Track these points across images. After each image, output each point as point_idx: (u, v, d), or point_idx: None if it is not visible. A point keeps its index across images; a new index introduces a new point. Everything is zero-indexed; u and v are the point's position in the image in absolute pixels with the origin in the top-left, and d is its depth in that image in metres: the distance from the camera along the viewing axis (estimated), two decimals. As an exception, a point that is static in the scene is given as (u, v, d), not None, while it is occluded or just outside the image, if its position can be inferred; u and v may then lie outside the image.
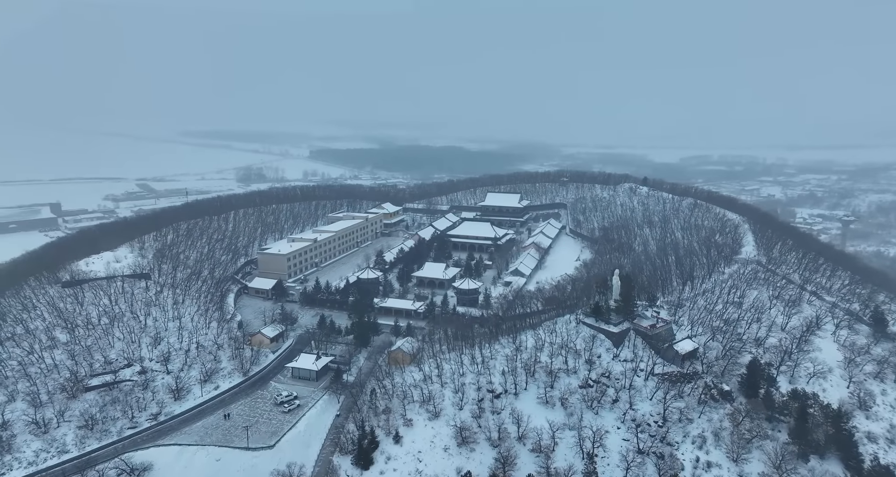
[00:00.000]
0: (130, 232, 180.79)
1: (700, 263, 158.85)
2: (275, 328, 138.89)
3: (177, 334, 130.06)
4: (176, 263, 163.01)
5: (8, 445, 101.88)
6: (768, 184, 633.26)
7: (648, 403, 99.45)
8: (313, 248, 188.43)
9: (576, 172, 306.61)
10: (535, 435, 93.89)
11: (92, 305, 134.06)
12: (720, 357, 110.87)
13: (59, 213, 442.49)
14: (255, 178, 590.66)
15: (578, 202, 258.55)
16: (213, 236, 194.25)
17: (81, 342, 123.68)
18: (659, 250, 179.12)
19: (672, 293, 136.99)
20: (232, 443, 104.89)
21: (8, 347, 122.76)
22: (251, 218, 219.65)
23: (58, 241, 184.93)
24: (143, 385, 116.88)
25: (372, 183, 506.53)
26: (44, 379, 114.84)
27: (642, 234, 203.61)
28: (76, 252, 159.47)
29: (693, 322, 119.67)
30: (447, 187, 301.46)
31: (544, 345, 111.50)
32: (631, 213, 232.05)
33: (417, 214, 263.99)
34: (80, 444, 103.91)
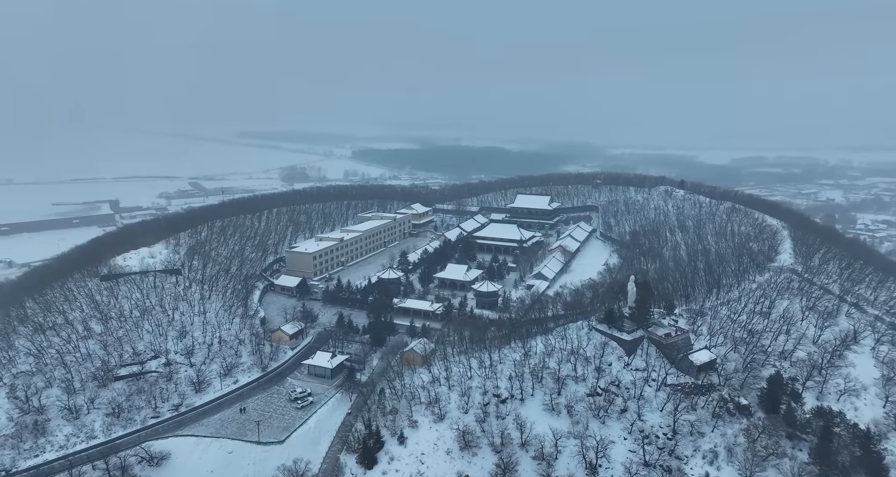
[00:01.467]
0: (168, 229, 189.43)
1: (730, 271, 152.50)
2: (294, 325, 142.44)
3: (201, 329, 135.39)
4: (206, 259, 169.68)
5: (42, 428, 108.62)
6: (828, 187, 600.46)
7: (658, 414, 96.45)
8: (339, 247, 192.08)
9: (610, 174, 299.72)
10: (538, 442, 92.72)
11: (125, 299, 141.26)
12: (740, 369, 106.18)
13: (116, 209, 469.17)
14: (299, 178, 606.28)
15: (611, 205, 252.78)
16: (246, 234, 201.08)
17: (114, 333, 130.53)
18: (688, 256, 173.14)
19: (695, 301, 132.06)
20: (245, 436, 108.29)
21: (49, 335, 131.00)
22: (283, 217, 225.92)
23: (102, 236, 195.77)
24: (168, 377, 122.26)
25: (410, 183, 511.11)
26: (78, 367, 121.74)
27: (673, 239, 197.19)
28: (117, 247, 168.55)
29: (713, 332, 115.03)
30: (478, 188, 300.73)
31: (554, 351, 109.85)
32: (664, 217, 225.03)
33: (447, 215, 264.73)
34: (107, 430, 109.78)
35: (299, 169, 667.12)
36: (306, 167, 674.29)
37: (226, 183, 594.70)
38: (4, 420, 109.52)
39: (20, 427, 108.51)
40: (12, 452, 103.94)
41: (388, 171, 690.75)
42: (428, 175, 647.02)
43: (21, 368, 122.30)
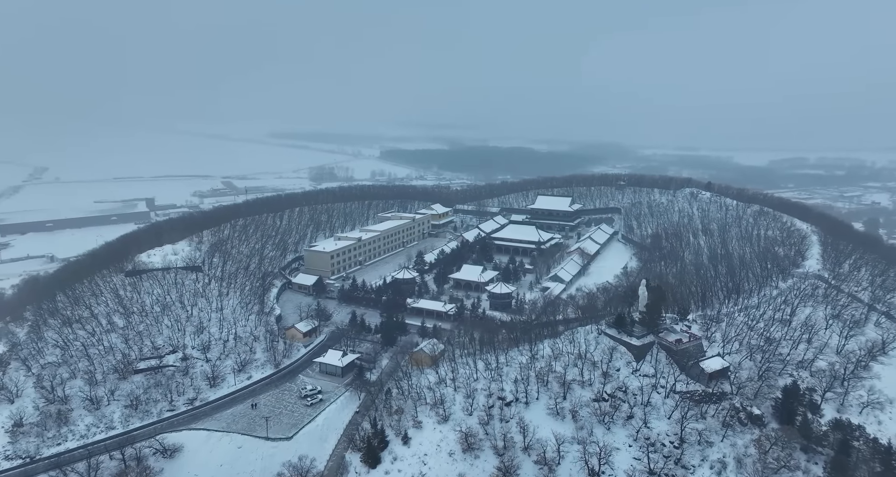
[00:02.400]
0: (192, 227, 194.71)
1: (752, 276, 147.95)
2: (308, 323, 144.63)
3: (218, 325, 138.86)
4: (227, 257, 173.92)
5: (65, 418, 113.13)
6: (874, 190, 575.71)
7: (665, 421, 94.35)
8: (357, 246, 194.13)
9: (634, 176, 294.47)
10: (540, 446, 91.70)
11: (147, 294, 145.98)
12: (754, 378, 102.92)
13: (152, 207, 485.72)
14: (327, 178, 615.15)
15: (634, 207, 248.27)
16: (267, 232, 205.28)
17: (135, 328, 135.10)
18: (709, 260, 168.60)
19: (711, 307, 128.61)
20: (254, 432, 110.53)
21: (75, 328, 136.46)
22: (305, 216, 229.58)
23: (130, 233, 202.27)
24: (184, 371, 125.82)
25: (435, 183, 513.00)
26: (101, 360, 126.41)
27: (695, 243, 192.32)
28: (142, 244, 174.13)
29: (727, 339, 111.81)
30: (499, 189, 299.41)
31: (561, 354, 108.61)
32: (688, 220, 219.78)
33: (467, 216, 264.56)
34: (125, 422, 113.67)
35: (327, 169, 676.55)
36: (334, 167, 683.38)
37: (256, 182, 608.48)
38: (31, 409, 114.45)
39: (45, 416, 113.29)
40: (37, 440, 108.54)
41: (415, 172, 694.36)
42: (454, 175, 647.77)
43: (48, 359, 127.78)
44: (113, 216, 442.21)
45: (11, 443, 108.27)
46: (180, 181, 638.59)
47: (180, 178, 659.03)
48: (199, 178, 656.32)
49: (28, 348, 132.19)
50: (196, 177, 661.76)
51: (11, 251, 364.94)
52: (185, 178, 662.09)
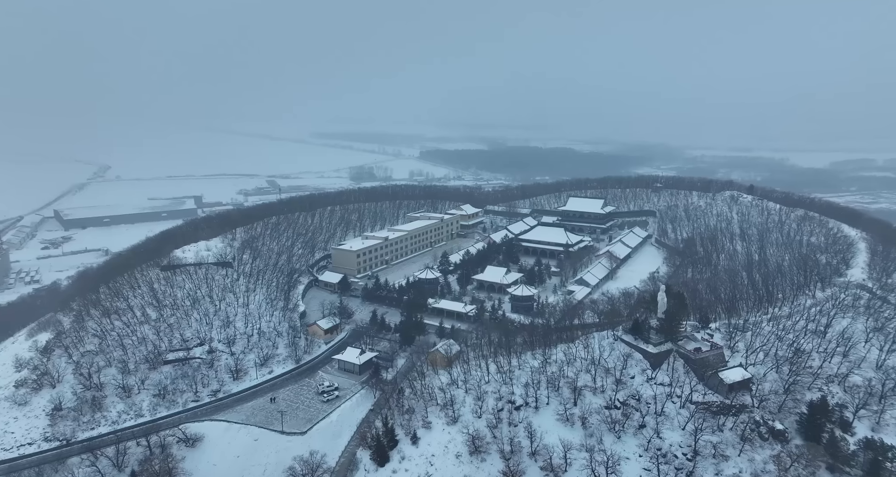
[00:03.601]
0: (227, 224, 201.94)
1: (787, 284, 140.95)
2: (330, 321, 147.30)
3: (244, 320, 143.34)
4: (256, 253, 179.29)
5: (99, 404, 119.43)
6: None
7: (679, 432, 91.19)
8: (384, 246, 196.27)
9: (672, 178, 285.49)
10: (547, 452, 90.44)
11: (179, 288, 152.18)
12: (779, 391, 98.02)
13: (199, 204, 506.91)
14: (367, 177, 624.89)
15: (669, 210, 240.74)
16: (298, 230, 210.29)
17: (166, 320, 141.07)
18: (744, 266, 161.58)
19: (739, 315, 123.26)
20: (271, 425, 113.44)
21: (112, 319, 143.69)
22: (336, 215, 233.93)
23: (169, 230, 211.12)
24: (210, 364, 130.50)
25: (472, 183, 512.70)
26: (134, 350, 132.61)
27: (731, 248, 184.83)
28: (179, 241, 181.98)
29: (752, 349, 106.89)
30: (531, 190, 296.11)
31: (575, 359, 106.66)
32: (726, 224, 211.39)
33: (498, 217, 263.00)
34: (153, 410, 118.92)
35: (367, 168, 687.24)
36: (374, 167, 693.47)
37: (299, 181, 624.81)
38: (69, 394, 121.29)
39: (81, 401, 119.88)
40: (73, 424, 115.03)
41: (453, 172, 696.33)
42: (492, 176, 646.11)
43: (88, 348, 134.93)
44: (163, 213, 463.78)
45: (51, 425, 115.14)
46: (228, 179, 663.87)
47: (228, 177, 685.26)
48: (246, 176, 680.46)
49: (71, 337, 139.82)
50: (243, 175, 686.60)
51: (73, 244, 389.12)
52: (233, 176, 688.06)
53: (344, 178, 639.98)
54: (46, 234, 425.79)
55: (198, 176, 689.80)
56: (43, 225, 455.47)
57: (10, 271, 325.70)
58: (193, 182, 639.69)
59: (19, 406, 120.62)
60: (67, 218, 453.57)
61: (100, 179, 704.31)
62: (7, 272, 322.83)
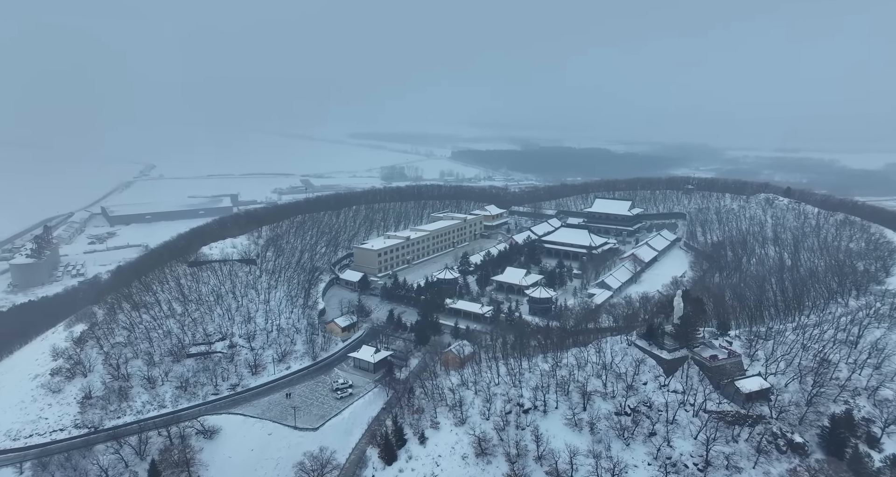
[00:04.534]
0: (254, 222, 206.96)
1: (819, 291, 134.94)
2: (347, 319, 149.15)
3: (264, 316, 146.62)
4: (280, 251, 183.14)
5: (126, 394, 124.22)
6: None
7: (691, 441, 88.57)
8: (405, 245, 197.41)
9: (704, 180, 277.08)
10: (553, 457, 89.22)
11: (204, 284, 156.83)
12: (800, 403, 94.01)
13: (235, 203, 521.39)
14: (398, 177, 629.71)
15: (700, 213, 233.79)
16: (322, 229, 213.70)
17: (191, 315, 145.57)
18: (773, 272, 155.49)
19: (762, 322, 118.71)
20: (285, 420, 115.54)
21: (141, 312, 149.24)
22: (360, 214, 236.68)
23: (199, 227, 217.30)
24: (230, 358, 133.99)
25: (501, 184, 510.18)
26: (160, 343, 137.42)
27: (761, 253, 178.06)
28: (206, 238, 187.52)
29: (774, 358, 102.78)
30: (558, 191, 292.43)
31: (586, 364, 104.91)
32: (759, 228, 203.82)
33: (523, 218, 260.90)
34: (175, 402, 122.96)
35: (398, 168, 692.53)
36: (405, 167, 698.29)
37: (332, 180, 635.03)
38: (99, 383, 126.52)
39: (109, 391, 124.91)
40: (101, 412, 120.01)
41: (483, 172, 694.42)
42: (522, 176, 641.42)
43: (117, 340, 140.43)
44: (201, 210, 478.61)
45: (81, 413, 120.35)
46: (264, 178, 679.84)
47: (265, 176, 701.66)
48: (282, 176, 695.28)
49: (103, 329, 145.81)
50: (279, 175, 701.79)
51: (116, 240, 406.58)
52: (269, 175, 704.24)
53: (375, 178, 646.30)
54: (94, 229, 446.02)
55: (236, 175, 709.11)
56: (91, 221, 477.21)
57: (58, 265, 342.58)
58: (232, 181, 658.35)
59: (53, 393, 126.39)
60: (113, 215, 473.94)
61: (145, 178, 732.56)
62: (56, 265, 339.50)
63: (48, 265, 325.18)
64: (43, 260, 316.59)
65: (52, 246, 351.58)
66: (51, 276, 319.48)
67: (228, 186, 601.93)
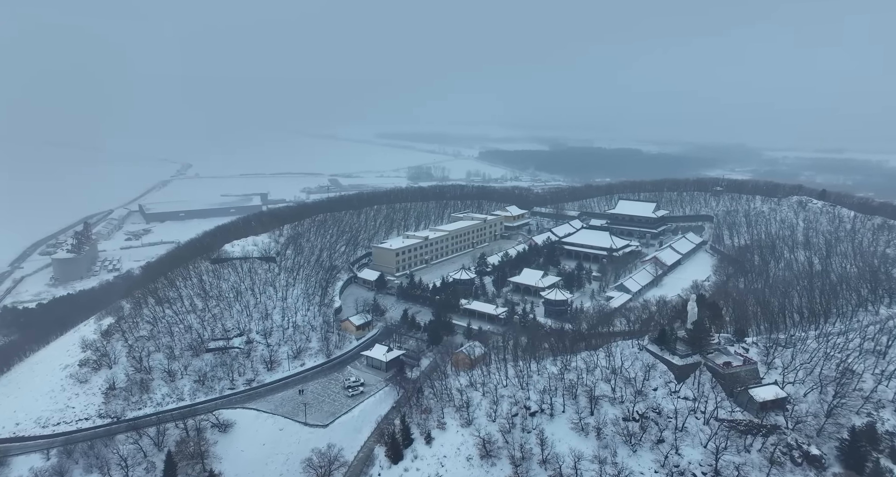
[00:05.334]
0: (276, 220, 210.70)
1: (848, 298, 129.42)
2: (362, 317, 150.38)
3: (281, 313, 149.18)
4: (299, 249, 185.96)
5: (147, 386, 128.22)
6: None
7: (700, 450, 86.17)
8: (424, 245, 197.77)
9: (734, 181, 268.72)
10: (558, 461, 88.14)
11: (224, 281, 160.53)
12: (819, 414, 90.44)
13: (265, 201, 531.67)
14: (424, 177, 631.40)
15: (728, 215, 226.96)
16: (343, 228, 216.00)
17: (211, 310, 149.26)
18: (801, 277, 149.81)
19: (784, 329, 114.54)
20: (296, 416, 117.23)
21: (164, 307, 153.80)
22: (381, 214, 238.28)
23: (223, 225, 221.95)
24: (247, 353, 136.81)
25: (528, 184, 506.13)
26: (180, 337, 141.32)
27: (790, 258, 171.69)
28: (230, 236, 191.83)
29: (793, 366, 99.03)
30: (582, 192, 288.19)
31: (596, 367, 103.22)
32: (789, 232, 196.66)
33: (545, 219, 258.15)
34: (192, 395, 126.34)
35: (425, 168, 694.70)
36: (431, 167, 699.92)
37: (359, 180, 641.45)
38: (122, 375, 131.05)
39: (132, 383, 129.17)
40: (123, 403, 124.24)
41: (510, 172, 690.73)
42: (550, 177, 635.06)
43: (141, 333, 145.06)
44: (231, 209, 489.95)
45: (105, 403, 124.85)
46: (294, 178, 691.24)
47: (295, 175, 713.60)
48: (311, 175, 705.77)
49: (128, 322, 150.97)
50: (308, 174, 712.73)
51: (151, 236, 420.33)
52: (299, 175, 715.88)
53: (402, 178, 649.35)
54: (131, 226, 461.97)
55: (267, 174, 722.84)
56: (129, 218, 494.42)
57: (96, 260, 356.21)
58: (263, 180, 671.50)
59: (81, 383, 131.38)
60: (149, 212, 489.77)
61: (182, 177, 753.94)
62: (94, 260, 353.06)
63: (87, 260, 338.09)
64: (82, 255, 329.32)
65: (91, 242, 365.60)
66: (89, 270, 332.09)
67: (260, 185, 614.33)
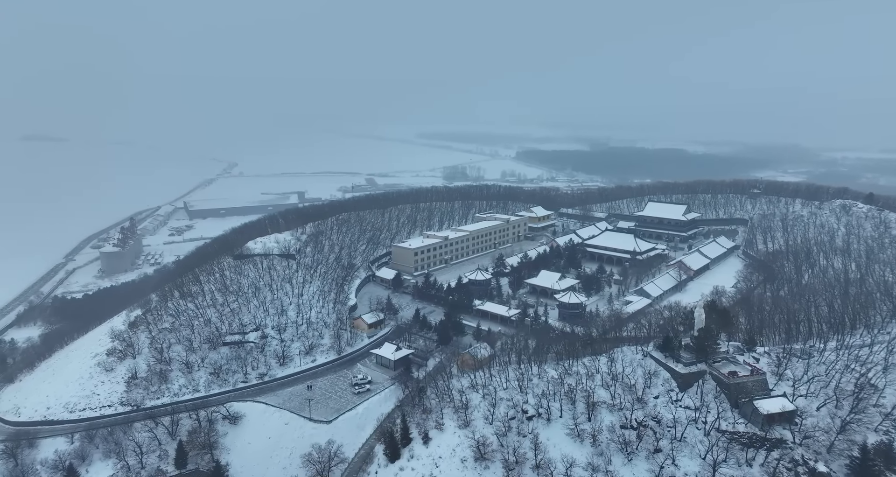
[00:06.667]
0: (301, 218, 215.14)
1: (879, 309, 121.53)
2: (374, 315, 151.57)
3: (296, 309, 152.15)
4: (319, 247, 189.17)
5: (165, 377, 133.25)
6: None
7: (698, 461, 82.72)
8: (443, 245, 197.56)
9: (773, 183, 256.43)
10: (551, 467, 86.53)
11: (245, 277, 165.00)
12: (831, 430, 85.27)
13: (301, 200, 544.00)
14: (459, 177, 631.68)
15: (764, 219, 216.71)
16: (364, 227, 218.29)
17: (230, 305, 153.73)
18: (832, 285, 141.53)
19: (800, 339, 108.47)
20: (302, 411, 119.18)
21: (187, 301, 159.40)
22: (405, 213, 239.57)
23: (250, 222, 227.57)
24: (261, 348, 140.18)
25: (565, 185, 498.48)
26: (200, 330, 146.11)
27: (824, 264, 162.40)
28: (254, 233, 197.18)
29: (806, 379, 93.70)
30: (612, 193, 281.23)
31: (597, 372, 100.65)
32: (828, 237, 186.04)
33: (571, 220, 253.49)
34: (207, 387, 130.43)
35: (460, 168, 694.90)
36: (467, 166, 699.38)
37: (395, 179, 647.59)
38: (144, 365, 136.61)
39: (152, 373, 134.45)
40: (143, 392, 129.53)
41: (546, 173, 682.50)
42: (587, 177, 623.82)
43: (164, 325, 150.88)
44: (269, 206, 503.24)
45: (126, 391, 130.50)
46: (333, 177, 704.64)
47: (333, 175, 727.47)
48: (349, 174, 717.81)
49: (154, 314, 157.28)
50: (346, 173, 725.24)
51: (192, 232, 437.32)
52: (337, 174, 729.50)
53: (437, 178, 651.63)
54: (175, 222, 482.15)
55: (307, 173, 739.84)
56: (174, 215, 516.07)
57: (140, 254, 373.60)
58: (303, 179, 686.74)
59: (107, 372, 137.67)
60: (192, 209, 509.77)
61: (226, 175, 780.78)
62: (138, 255, 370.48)
63: (131, 254, 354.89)
64: (126, 249, 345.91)
65: (136, 236, 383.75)
66: (133, 264, 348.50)
67: (300, 184, 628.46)
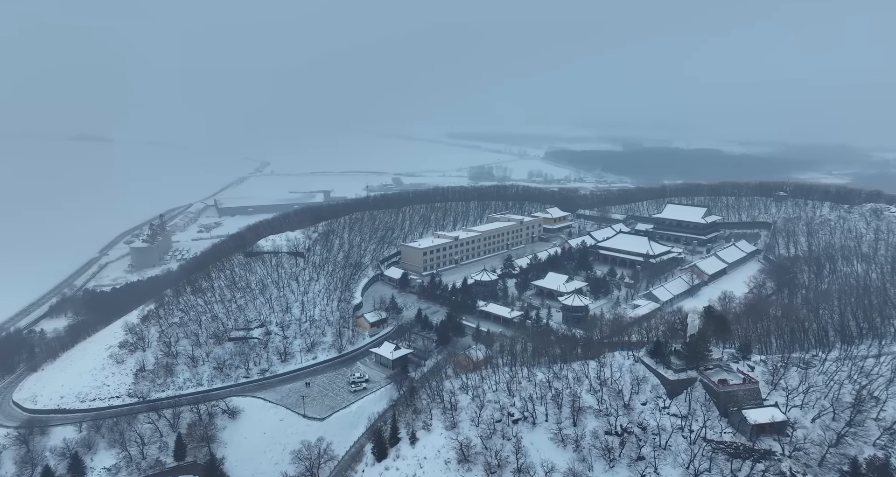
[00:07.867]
0: (314, 217, 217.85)
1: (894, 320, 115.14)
2: (376, 314, 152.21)
3: (300, 307, 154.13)
4: (329, 246, 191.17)
5: (171, 370, 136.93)
6: None
7: (680, 471, 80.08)
8: (453, 245, 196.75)
9: (802, 186, 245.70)
10: (532, 471, 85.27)
11: (253, 274, 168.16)
12: (824, 443, 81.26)
13: (327, 199, 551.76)
14: (485, 177, 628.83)
15: (789, 223, 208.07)
16: (376, 226, 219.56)
17: (237, 301, 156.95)
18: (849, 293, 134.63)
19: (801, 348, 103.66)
20: (298, 408, 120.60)
21: (197, 297, 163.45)
22: (418, 214, 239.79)
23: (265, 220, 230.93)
24: (264, 344, 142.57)
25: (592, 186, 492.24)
26: (207, 325, 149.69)
27: (847, 271, 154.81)
28: (267, 231, 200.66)
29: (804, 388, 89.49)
30: (632, 195, 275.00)
31: (586, 377, 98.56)
32: (855, 243, 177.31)
33: (588, 222, 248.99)
34: (210, 381, 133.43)
35: (487, 168, 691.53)
36: (493, 166, 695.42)
37: (421, 179, 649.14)
38: (152, 358, 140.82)
39: (159, 366, 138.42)
40: (150, 385, 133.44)
41: (575, 173, 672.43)
42: (617, 178, 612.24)
43: (174, 320, 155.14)
44: (295, 205, 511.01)
45: (134, 383, 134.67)
46: (360, 176, 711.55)
47: (361, 174, 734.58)
48: (376, 173, 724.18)
49: (165, 309, 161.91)
50: (373, 173, 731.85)
51: (220, 229, 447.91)
52: (364, 173, 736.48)
53: (463, 178, 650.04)
54: (205, 219, 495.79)
55: (335, 172, 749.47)
56: (204, 212, 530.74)
57: (169, 250, 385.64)
58: (330, 178, 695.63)
59: (118, 364, 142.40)
60: (222, 206, 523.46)
61: (258, 174, 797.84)
62: (167, 250, 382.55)
63: (160, 250, 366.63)
64: (155, 245, 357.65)
65: (166, 233, 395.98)
66: (161, 259, 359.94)
67: (328, 183, 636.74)
